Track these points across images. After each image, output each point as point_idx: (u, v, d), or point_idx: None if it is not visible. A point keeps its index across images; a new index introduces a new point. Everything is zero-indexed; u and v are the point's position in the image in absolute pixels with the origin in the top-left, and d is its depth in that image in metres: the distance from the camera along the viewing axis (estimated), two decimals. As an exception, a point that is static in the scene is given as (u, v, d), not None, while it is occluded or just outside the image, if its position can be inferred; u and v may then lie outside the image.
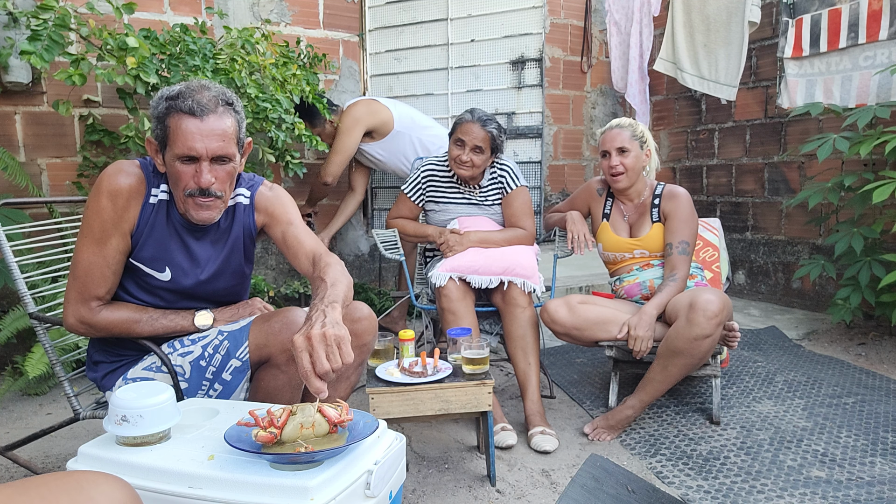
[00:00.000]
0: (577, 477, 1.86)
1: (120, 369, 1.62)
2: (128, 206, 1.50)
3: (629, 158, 2.32)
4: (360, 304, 1.74)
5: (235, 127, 1.49)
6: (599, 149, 2.40)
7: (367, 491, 1.10)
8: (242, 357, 1.54)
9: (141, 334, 1.55)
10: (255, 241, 1.72)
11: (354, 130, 3.12)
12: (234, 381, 1.55)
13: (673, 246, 2.28)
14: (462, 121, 2.40)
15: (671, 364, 2.07)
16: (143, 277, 1.56)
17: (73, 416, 1.69)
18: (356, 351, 1.71)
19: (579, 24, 4.44)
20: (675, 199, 2.34)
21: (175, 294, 1.60)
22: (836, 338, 3.30)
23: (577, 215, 2.52)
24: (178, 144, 1.43)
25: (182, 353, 1.57)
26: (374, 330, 1.74)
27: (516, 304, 2.27)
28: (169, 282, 1.57)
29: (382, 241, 2.56)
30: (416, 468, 1.98)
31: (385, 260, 3.87)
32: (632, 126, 2.36)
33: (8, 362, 2.71)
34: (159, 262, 1.55)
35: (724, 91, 3.83)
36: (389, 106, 3.19)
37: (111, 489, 0.80)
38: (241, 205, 1.66)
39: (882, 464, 1.93)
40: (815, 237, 3.78)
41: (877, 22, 3.11)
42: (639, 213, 2.41)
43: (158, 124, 1.47)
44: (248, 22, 3.36)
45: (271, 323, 1.55)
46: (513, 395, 2.59)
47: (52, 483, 0.77)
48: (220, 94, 1.48)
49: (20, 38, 2.54)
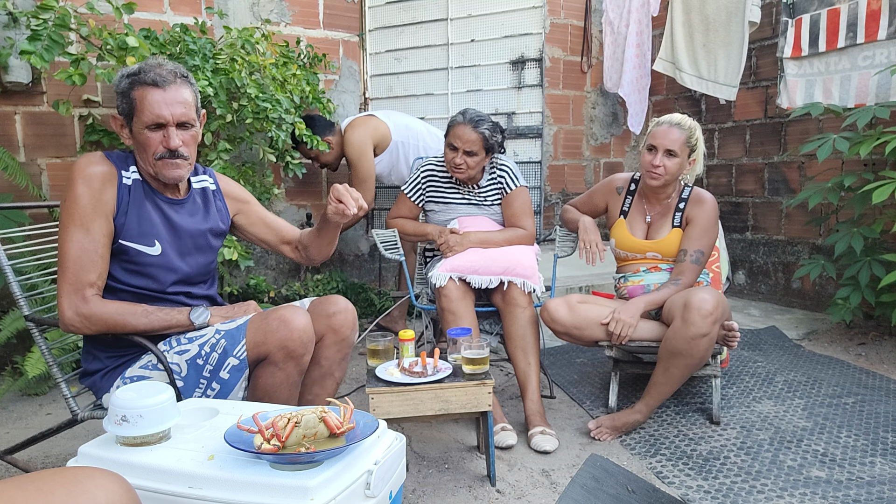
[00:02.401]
0: (577, 477, 1.86)
1: (117, 369, 1.62)
2: (103, 189, 1.54)
3: (673, 164, 2.22)
4: (337, 297, 1.79)
5: (194, 97, 1.60)
6: (647, 140, 2.28)
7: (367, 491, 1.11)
8: (240, 355, 1.54)
9: (136, 327, 1.55)
10: (228, 227, 1.81)
11: (366, 153, 3.07)
12: (231, 379, 1.55)
13: (687, 253, 2.24)
14: (454, 123, 2.38)
15: (672, 366, 2.07)
16: (134, 258, 1.58)
17: (71, 418, 1.68)
18: (335, 346, 1.75)
19: (579, 24, 4.44)
20: (701, 204, 2.28)
21: (165, 271, 1.62)
22: (836, 338, 3.30)
23: (591, 222, 2.45)
24: (146, 113, 1.53)
25: (179, 352, 1.57)
26: (352, 323, 1.76)
27: (516, 304, 2.26)
28: (160, 256, 1.61)
29: (382, 241, 2.56)
30: (416, 468, 1.98)
31: (385, 260, 3.87)
32: (690, 130, 2.23)
33: (8, 362, 2.72)
34: (147, 236, 1.60)
35: (724, 91, 3.83)
36: (384, 119, 3.16)
37: (106, 482, 0.81)
38: (209, 189, 1.78)
39: (882, 464, 1.93)
40: (815, 237, 3.78)
41: (875, 22, 3.11)
42: (661, 214, 2.34)
43: (123, 99, 1.55)
44: (248, 22, 3.36)
45: (268, 321, 1.57)
46: (513, 395, 2.59)
47: (48, 477, 0.78)
48: (176, 69, 1.58)
49: (20, 38, 2.54)
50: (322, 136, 3.09)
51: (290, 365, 1.56)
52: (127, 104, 1.54)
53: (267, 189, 2.99)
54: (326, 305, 1.73)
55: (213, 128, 2.69)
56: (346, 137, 3.11)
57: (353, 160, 3.08)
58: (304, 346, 1.57)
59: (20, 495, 0.74)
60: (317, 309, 1.74)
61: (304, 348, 1.57)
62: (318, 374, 1.75)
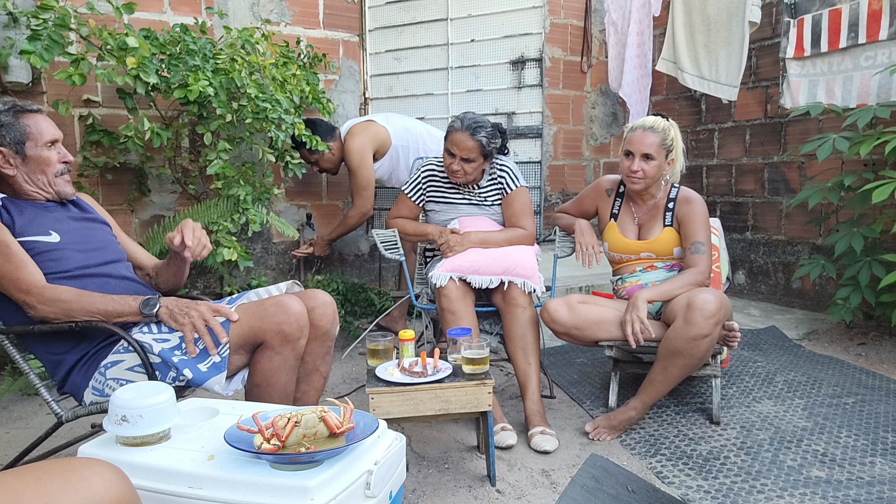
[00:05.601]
0: (577, 477, 1.86)
1: (87, 363, 1.64)
2: None
3: (651, 167, 2.24)
4: (316, 290, 1.84)
5: None
6: (623, 145, 2.30)
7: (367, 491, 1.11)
8: (223, 353, 1.58)
9: (93, 304, 1.59)
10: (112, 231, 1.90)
11: (366, 160, 3.08)
12: (208, 373, 1.56)
13: (685, 249, 2.26)
14: (452, 129, 2.38)
15: (671, 364, 2.07)
16: (40, 254, 1.62)
17: (56, 422, 1.67)
18: (317, 341, 1.78)
19: (579, 24, 4.44)
20: (689, 203, 2.29)
21: (78, 254, 1.68)
22: (836, 338, 3.30)
23: (587, 225, 2.46)
24: (44, 135, 1.68)
25: (157, 339, 1.60)
26: (332, 317, 1.80)
27: (516, 304, 2.26)
28: (60, 242, 1.66)
29: (382, 241, 2.56)
30: (416, 468, 1.98)
31: (385, 260, 3.87)
32: (664, 132, 2.25)
33: (8, 362, 2.71)
34: (41, 227, 1.66)
35: (725, 91, 3.83)
36: (384, 123, 3.16)
37: (104, 471, 0.83)
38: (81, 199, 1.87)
39: (882, 464, 1.93)
40: (815, 237, 3.78)
41: (877, 22, 3.11)
42: (650, 215, 2.35)
43: (10, 129, 1.64)
44: (248, 22, 3.35)
45: (265, 306, 1.63)
46: (513, 395, 2.59)
47: (46, 467, 0.80)
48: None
49: (20, 38, 2.54)
50: (322, 140, 3.09)
51: (286, 349, 1.62)
52: (18, 132, 1.64)
53: (267, 189, 2.99)
54: (305, 300, 1.76)
55: (213, 128, 2.69)
56: (346, 145, 3.11)
57: (353, 168, 3.09)
58: (300, 330, 1.63)
59: (20, 484, 0.75)
60: None
61: (300, 332, 1.63)
62: (304, 370, 1.79)
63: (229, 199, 2.81)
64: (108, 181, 3.03)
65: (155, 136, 2.60)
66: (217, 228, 2.74)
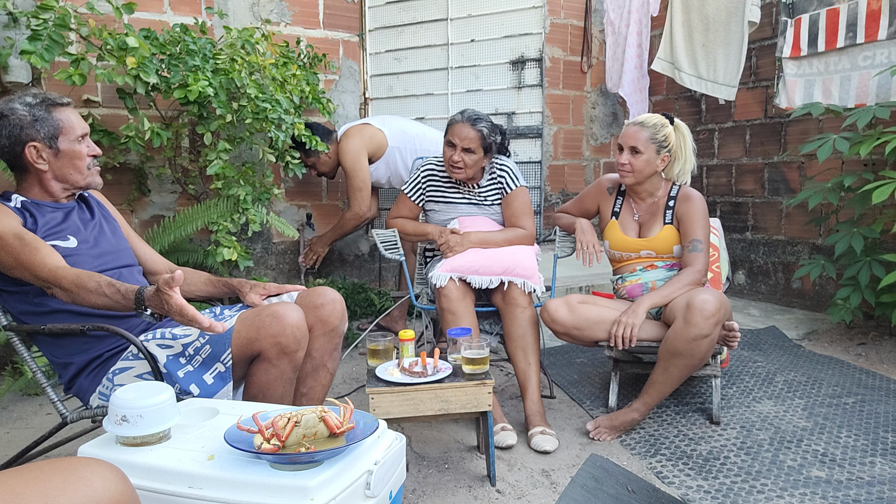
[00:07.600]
0: (577, 477, 1.86)
1: (97, 368, 1.63)
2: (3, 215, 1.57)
3: (639, 161, 2.26)
4: (325, 288, 1.82)
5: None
6: (618, 141, 2.35)
7: (367, 491, 1.11)
8: (226, 362, 1.55)
9: (100, 286, 1.49)
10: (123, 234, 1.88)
11: (361, 162, 3.08)
12: (214, 386, 1.55)
13: (684, 247, 2.27)
14: (452, 122, 2.40)
15: (671, 365, 2.07)
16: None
17: (61, 422, 1.67)
18: (325, 337, 1.76)
19: (579, 24, 4.44)
20: (689, 201, 2.30)
21: (92, 259, 1.66)
22: (836, 338, 3.30)
23: (587, 224, 2.47)
24: (76, 128, 1.66)
25: (161, 345, 1.58)
26: (340, 314, 1.77)
27: (516, 304, 2.26)
28: (77, 247, 1.64)
29: (382, 241, 2.56)
30: (416, 468, 1.98)
31: (385, 260, 3.87)
32: (655, 127, 2.26)
33: (8, 362, 2.71)
34: (60, 232, 1.64)
35: (723, 91, 3.82)
36: (380, 125, 3.16)
37: (103, 471, 0.83)
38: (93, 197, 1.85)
39: (882, 464, 1.93)
40: (815, 237, 3.78)
41: (875, 22, 3.11)
42: (650, 213, 2.36)
43: (44, 124, 1.61)
44: (248, 22, 3.35)
45: (261, 316, 1.57)
46: (513, 395, 2.59)
47: (45, 467, 0.80)
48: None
49: (20, 38, 2.54)
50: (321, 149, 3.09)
51: (283, 361, 1.56)
52: (52, 126, 1.62)
53: (267, 189, 2.99)
54: (314, 297, 1.75)
55: (213, 128, 2.69)
56: (341, 147, 3.12)
57: (348, 169, 3.10)
58: (298, 343, 1.57)
59: (19, 483, 0.76)
60: (305, 301, 1.76)
61: (298, 344, 1.57)
62: (311, 366, 1.77)
63: (229, 199, 2.82)
64: (108, 181, 3.03)
65: (155, 136, 2.60)
66: (217, 228, 2.75)
